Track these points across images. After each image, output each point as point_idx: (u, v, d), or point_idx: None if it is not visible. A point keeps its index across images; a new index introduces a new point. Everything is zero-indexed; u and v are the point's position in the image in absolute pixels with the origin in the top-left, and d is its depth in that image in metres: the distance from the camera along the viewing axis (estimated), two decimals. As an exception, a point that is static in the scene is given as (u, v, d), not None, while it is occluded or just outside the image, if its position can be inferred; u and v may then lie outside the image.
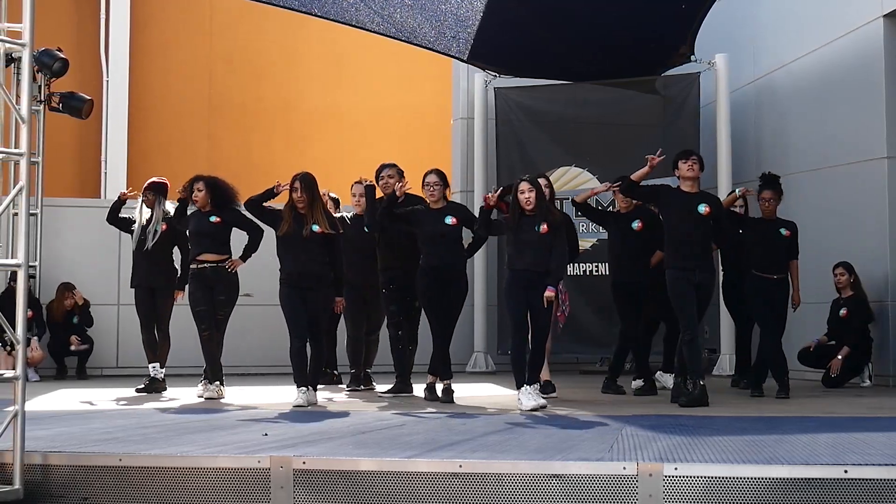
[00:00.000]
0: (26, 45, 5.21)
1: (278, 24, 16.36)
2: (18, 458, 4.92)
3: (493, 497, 4.66)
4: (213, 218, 9.04)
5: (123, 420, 7.03)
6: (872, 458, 4.75)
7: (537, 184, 7.96)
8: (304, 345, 8.19)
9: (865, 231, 10.48)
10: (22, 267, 5.11)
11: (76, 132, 15.62)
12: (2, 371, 5.41)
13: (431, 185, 8.62)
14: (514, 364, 7.89)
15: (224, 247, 9.10)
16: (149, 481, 4.90)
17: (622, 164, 12.49)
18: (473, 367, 12.98)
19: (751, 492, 4.52)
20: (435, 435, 5.97)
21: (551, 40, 11.88)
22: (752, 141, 12.50)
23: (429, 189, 8.61)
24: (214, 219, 9.04)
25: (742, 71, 12.48)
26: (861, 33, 10.61)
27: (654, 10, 11.34)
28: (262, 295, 10.57)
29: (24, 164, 5.13)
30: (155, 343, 9.67)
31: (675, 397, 8.22)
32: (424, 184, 8.67)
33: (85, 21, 16.44)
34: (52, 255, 12.41)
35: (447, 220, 8.51)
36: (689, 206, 8.27)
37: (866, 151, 10.50)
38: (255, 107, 17.10)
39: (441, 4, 11.21)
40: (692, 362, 8.14)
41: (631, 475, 4.61)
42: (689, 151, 8.53)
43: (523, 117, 13.09)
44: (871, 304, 10.04)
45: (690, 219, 8.24)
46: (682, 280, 8.18)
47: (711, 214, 8.30)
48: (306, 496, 4.79)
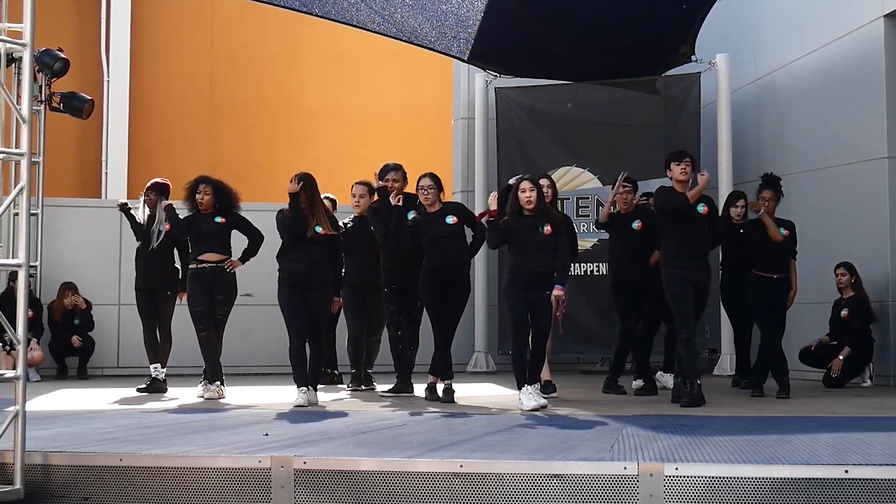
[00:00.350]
0: (27, 45, 5.21)
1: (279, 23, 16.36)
2: (19, 458, 4.92)
3: (494, 497, 4.66)
4: (218, 219, 9.06)
5: (124, 420, 7.03)
6: (873, 458, 4.76)
7: (538, 184, 7.95)
8: (303, 345, 8.19)
9: (866, 231, 10.48)
10: (23, 267, 5.11)
11: (77, 132, 15.62)
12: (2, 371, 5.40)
13: (426, 188, 8.60)
14: (515, 364, 7.88)
15: (226, 248, 9.12)
16: (150, 481, 4.90)
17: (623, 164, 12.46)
18: (474, 367, 12.98)
19: (751, 492, 4.52)
20: (436, 435, 5.97)
21: (552, 40, 11.88)
22: (753, 141, 12.50)
23: (423, 193, 8.61)
24: (220, 220, 9.06)
25: (743, 71, 12.47)
26: (862, 33, 10.61)
27: (655, 10, 11.34)
28: (262, 295, 10.57)
29: (24, 165, 5.13)
30: (157, 343, 9.67)
31: (676, 398, 8.23)
32: (419, 188, 8.67)
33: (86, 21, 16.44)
34: (52, 256, 12.40)
35: (448, 220, 8.53)
36: (687, 207, 8.26)
37: (867, 151, 10.50)
38: (257, 106, 17.10)
39: (442, 4, 11.21)
40: (689, 362, 8.15)
41: (632, 475, 4.61)
42: (682, 153, 8.44)
43: (524, 117, 13.09)
44: (872, 305, 10.04)
45: (688, 219, 8.24)
46: (681, 280, 8.19)
47: (709, 214, 8.32)
48: (307, 496, 4.79)
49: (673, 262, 8.26)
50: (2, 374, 5.23)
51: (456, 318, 8.66)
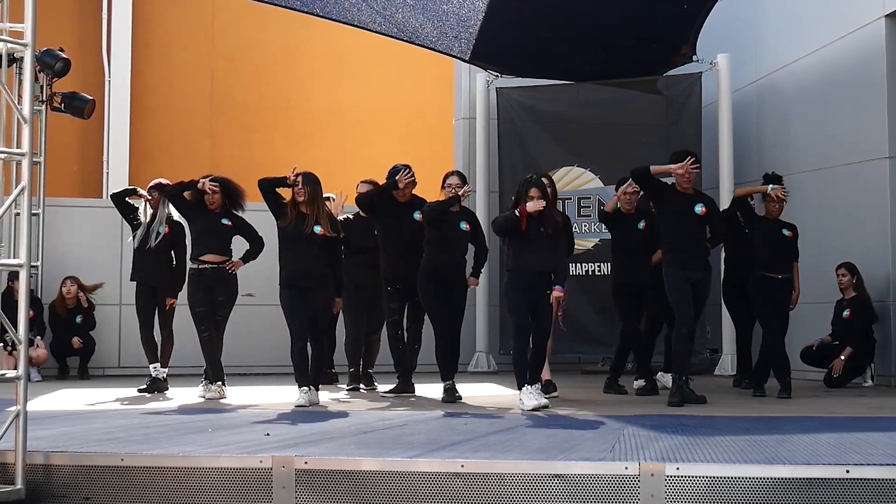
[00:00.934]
0: (28, 45, 5.21)
1: (280, 23, 16.35)
2: (20, 457, 4.92)
3: (495, 497, 4.66)
4: (224, 220, 9.05)
5: (125, 420, 7.04)
6: (874, 458, 4.75)
7: (545, 189, 7.90)
8: (305, 345, 8.20)
9: (867, 231, 10.48)
10: (24, 267, 5.12)
11: (78, 132, 15.61)
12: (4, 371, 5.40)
13: (454, 187, 8.63)
14: (516, 364, 7.88)
15: (227, 249, 9.12)
16: (151, 481, 4.90)
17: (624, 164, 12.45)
18: (475, 366, 12.99)
19: (753, 492, 4.52)
20: (437, 435, 5.98)
21: (553, 40, 11.88)
22: (754, 141, 12.51)
23: (449, 191, 8.63)
24: (226, 222, 9.05)
25: (744, 71, 12.48)
26: (862, 33, 10.61)
27: (656, 11, 11.34)
28: (262, 295, 10.58)
29: (25, 164, 5.13)
30: (154, 342, 9.64)
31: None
32: (445, 185, 8.68)
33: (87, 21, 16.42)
34: (53, 255, 12.41)
35: (462, 226, 8.60)
36: (686, 207, 8.28)
37: (868, 151, 10.50)
38: (257, 105, 17.08)
39: (443, 4, 11.22)
40: (678, 358, 8.18)
41: (633, 475, 4.61)
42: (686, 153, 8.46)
43: (525, 117, 13.09)
44: (873, 305, 10.03)
45: (688, 218, 8.25)
46: (680, 279, 8.21)
47: (707, 215, 8.32)
48: (308, 496, 4.79)
49: (673, 261, 8.28)
50: (3, 374, 5.23)
51: (458, 317, 8.68)
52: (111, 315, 12.34)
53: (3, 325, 5.14)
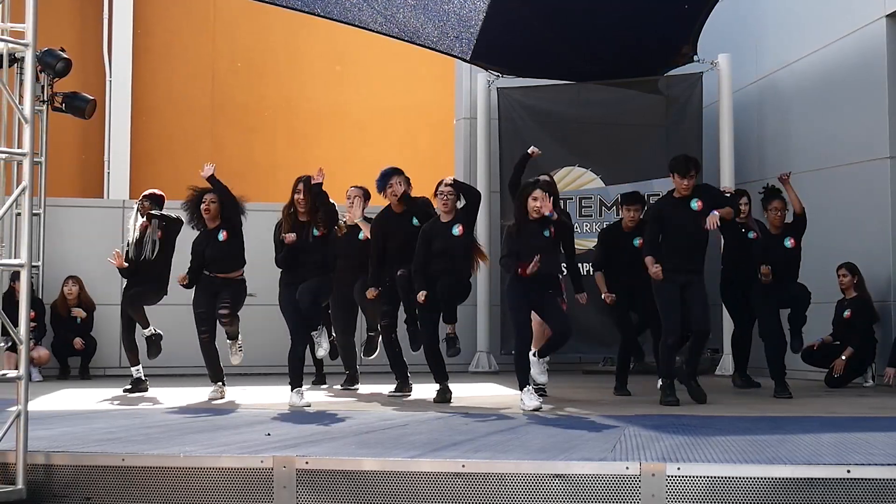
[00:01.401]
0: (29, 45, 5.22)
1: (281, 23, 16.37)
2: (21, 457, 4.92)
3: (496, 497, 4.66)
4: (220, 236, 8.94)
5: (126, 420, 7.04)
6: (875, 458, 4.75)
7: (549, 192, 7.81)
8: (304, 349, 8.20)
9: (868, 231, 10.48)
10: (25, 267, 5.12)
11: (79, 132, 15.62)
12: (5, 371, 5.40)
13: (445, 194, 8.30)
14: (517, 364, 7.86)
15: (237, 260, 9.03)
16: (151, 481, 4.90)
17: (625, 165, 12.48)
18: (476, 367, 12.99)
19: (753, 491, 4.52)
20: (438, 435, 5.97)
21: (554, 40, 11.88)
22: (755, 141, 12.51)
23: (442, 198, 8.31)
24: (222, 236, 8.95)
25: (745, 71, 12.47)
26: (864, 33, 10.61)
27: (657, 11, 11.34)
28: (263, 295, 10.57)
29: (27, 165, 5.14)
30: (135, 346, 9.64)
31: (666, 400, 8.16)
32: (438, 192, 8.36)
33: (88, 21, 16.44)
34: (54, 256, 12.41)
35: (454, 231, 8.29)
36: (683, 210, 8.16)
37: (869, 151, 10.50)
38: (258, 106, 17.09)
39: (444, 5, 11.21)
40: (664, 363, 8.21)
41: (634, 475, 4.61)
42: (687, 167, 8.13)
43: (526, 117, 13.08)
44: (874, 305, 10.03)
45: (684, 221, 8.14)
46: (668, 285, 8.10)
47: (705, 207, 8.16)
48: (309, 496, 4.79)
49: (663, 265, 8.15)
50: (4, 374, 5.23)
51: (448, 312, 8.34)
52: (112, 315, 12.29)
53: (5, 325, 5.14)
